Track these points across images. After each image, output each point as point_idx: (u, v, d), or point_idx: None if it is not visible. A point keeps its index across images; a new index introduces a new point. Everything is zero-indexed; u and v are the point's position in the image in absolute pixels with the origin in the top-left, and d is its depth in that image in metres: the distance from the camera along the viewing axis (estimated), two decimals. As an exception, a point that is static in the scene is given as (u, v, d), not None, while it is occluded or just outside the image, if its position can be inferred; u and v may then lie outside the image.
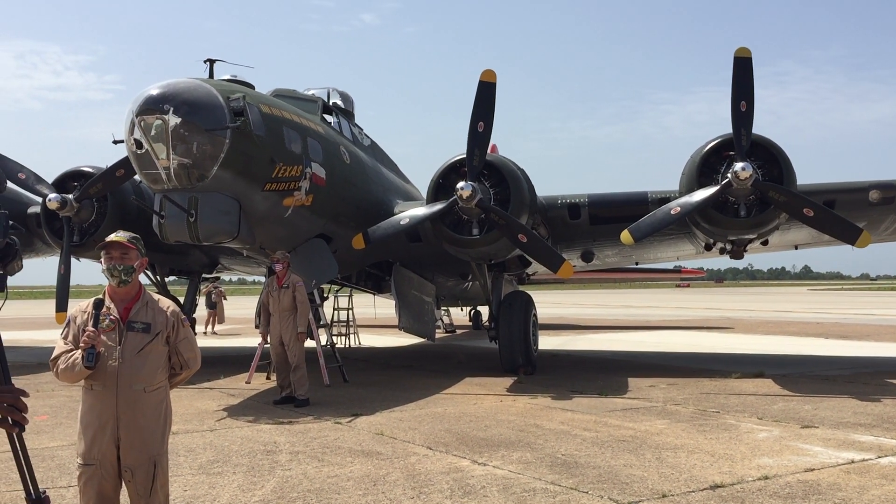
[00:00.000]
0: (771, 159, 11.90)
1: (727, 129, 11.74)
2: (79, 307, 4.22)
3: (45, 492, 3.58)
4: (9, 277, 3.66)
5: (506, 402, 10.70)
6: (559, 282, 31.08)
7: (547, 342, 18.30)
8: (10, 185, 13.36)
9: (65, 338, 4.15)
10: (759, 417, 9.27)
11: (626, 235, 12.02)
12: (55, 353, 4.11)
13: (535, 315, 14.73)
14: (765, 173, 11.71)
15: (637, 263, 20.30)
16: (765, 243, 13.45)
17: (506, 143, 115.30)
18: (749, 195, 11.70)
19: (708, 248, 14.08)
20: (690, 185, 12.14)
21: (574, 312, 39.93)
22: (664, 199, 13.06)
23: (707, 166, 12.13)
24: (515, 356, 13.77)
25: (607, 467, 6.79)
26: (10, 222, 3.51)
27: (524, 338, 13.93)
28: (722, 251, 14.08)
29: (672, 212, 11.82)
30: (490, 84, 11.91)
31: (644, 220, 12.07)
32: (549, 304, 43.90)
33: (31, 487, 3.49)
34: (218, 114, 9.94)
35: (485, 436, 8.25)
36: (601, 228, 14.45)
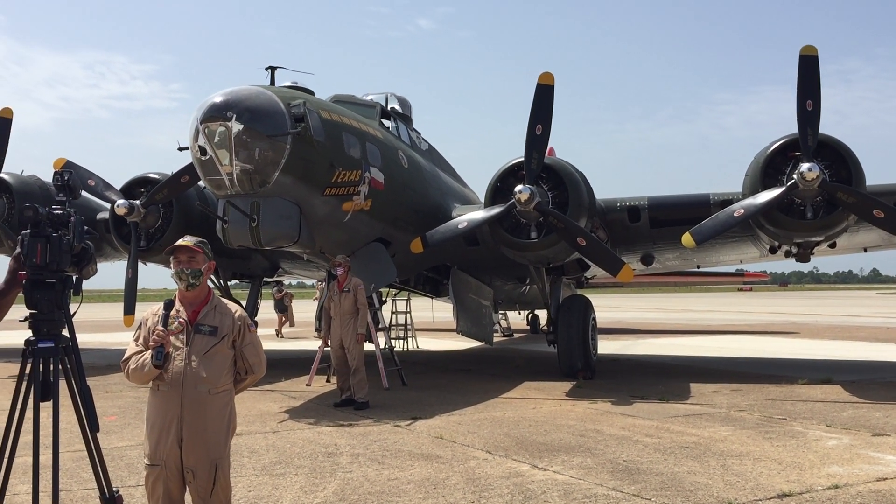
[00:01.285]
0: (838, 159, 11.57)
1: (790, 129, 11.47)
2: (150, 310, 4.32)
3: (117, 490, 3.68)
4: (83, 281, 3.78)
5: (565, 406, 10.62)
6: (618, 285, 30.74)
7: (606, 346, 18.08)
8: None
9: (136, 340, 4.26)
10: (827, 425, 9.00)
11: (687, 238, 11.82)
12: (126, 355, 4.21)
13: (593, 319, 14.59)
14: (832, 174, 11.40)
15: (698, 267, 19.93)
16: (832, 246, 13.07)
17: (561, 145, 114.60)
18: (816, 196, 11.41)
19: (773, 250, 13.76)
20: (754, 186, 11.88)
21: (633, 316, 39.42)
22: (727, 202, 12.81)
23: (772, 167, 11.86)
24: (574, 360, 13.66)
25: (670, 474, 6.67)
26: (86, 228, 3.62)
27: (583, 342, 13.81)
28: (787, 254, 13.75)
29: (735, 214, 11.58)
30: (548, 87, 11.84)
31: (706, 223, 11.85)
32: (607, 307, 43.39)
33: (105, 486, 3.58)
34: (279, 120, 10.09)
35: (544, 440, 8.19)
36: (662, 231, 14.25)
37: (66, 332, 3.71)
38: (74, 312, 3.62)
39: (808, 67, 11.02)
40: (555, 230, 12.13)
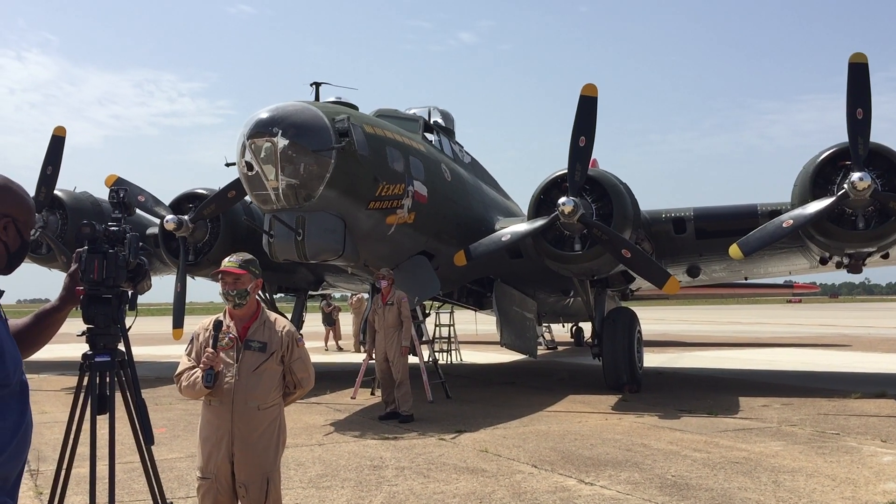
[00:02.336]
0: (891, 168, 11.33)
1: (838, 138, 11.26)
2: (201, 325, 4.40)
3: (171, 502, 3.73)
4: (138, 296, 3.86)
5: (611, 420, 10.51)
6: (663, 297, 30.35)
7: (652, 359, 17.86)
8: (131, 207, 14.11)
9: (188, 354, 4.33)
10: (882, 440, 8.77)
11: (734, 250, 11.65)
12: (179, 369, 4.28)
13: (639, 331, 14.44)
14: (884, 183, 11.16)
15: (746, 278, 19.61)
16: (885, 256, 12.77)
17: (604, 156, 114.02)
18: (868, 206, 11.17)
19: (823, 262, 13.50)
20: (804, 196, 11.68)
21: (679, 329, 38.88)
22: (775, 212, 12.61)
23: (821, 177, 11.64)
24: (620, 373, 13.52)
25: (721, 490, 6.56)
26: (141, 243, 3.70)
27: (629, 355, 13.66)
28: (838, 265, 13.47)
29: (784, 225, 11.38)
30: (591, 98, 11.80)
31: (754, 234, 11.67)
32: (652, 320, 42.86)
33: (159, 499, 3.64)
34: (324, 135, 10.21)
35: (591, 454, 8.11)
36: (708, 243, 14.06)
37: (121, 346, 3.79)
38: (130, 327, 3.70)
39: (858, 75, 10.82)
40: (599, 242, 12.05)
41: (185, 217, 14.12)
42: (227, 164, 11.74)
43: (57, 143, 14.46)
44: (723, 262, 15.33)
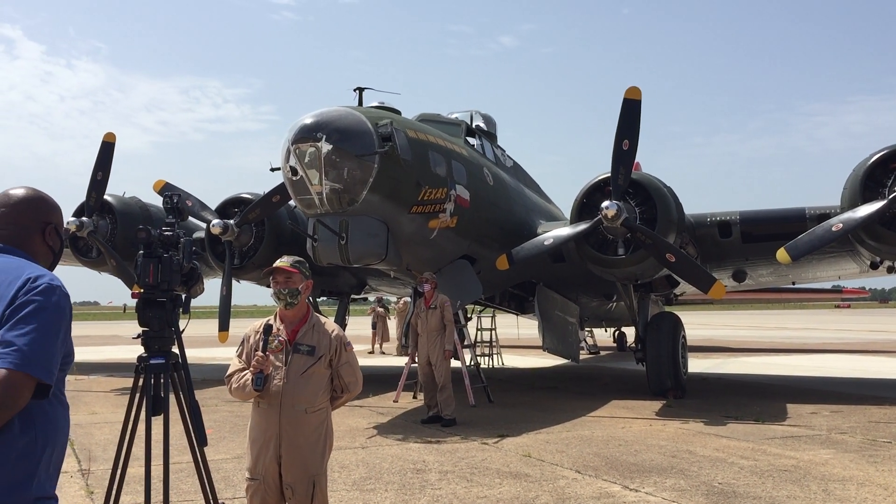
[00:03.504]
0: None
1: (889, 139, 11.07)
2: (252, 327, 4.46)
3: (223, 503, 3.79)
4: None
5: (655, 426, 10.40)
6: (707, 302, 29.96)
7: (696, 365, 17.64)
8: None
9: (239, 356, 4.40)
10: (937, 450, 8.54)
11: (782, 254, 11.46)
12: (230, 371, 4.35)
13: (683, 336, 14.27)
14: (939, 186, 10.88)
15: (794, 283, 19.26)
16: (939, 261, 12.47)
17: (647, 159, 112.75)
18: (921, 210, 10.90)
19: (874, 266, 13.23)
20: (853, 199, 11.44)
21: (724, 334, 38.32)
22: (824, 216, 12.38)
23: (872, 179, 11.40)
24: (664, 379, 13.37)
25: (769, 498, 6.45)
26: (193, 248, 3.77)
27: (673, 360, 13.51)
28: (889, 270, 13.18)
29: (833, 228, 11.17)
30: (635, 101, 11.70)
31: (802, 238, 11.47)
32: (696, 325, 42.28)
33: (211, 499, 3.71)
34: (367, 140, 10.27)
35: (635, 461, 8.04)
36: (754, 247, 13.86)
37: (175, 349, 3.87)
38: (183, 330, 3.77)
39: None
40: (643, 246, 11.95)
41: (231, 221, 14.33)
42: (272, 169, 11.89)
43: (107, 149, 14.75)
44: (770, 267, 15.09)
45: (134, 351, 3.89)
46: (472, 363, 13.54)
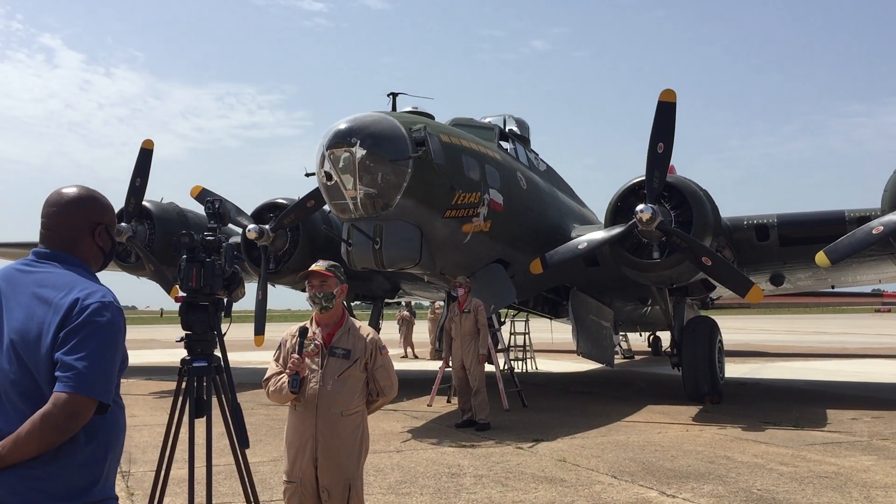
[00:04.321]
0: None
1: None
2: (289, 331, 4.49)
3: (264, 505, 3.82)
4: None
5: (692, 431, 10.30)
6: (744, 306, 29.63)
7: (733, 370, 17.41)
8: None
9: (276, 360, 4.44)
10: (984, 457, 8.35)
11: (821, 257, 11.29)
12: (267, 374, 4.39)
13: (720, 341, 14.12)
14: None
15: (833, 287, 18.95)
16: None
17: (682, 162, 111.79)
18: (965, 211, 10.68)
19: (916, 269, 12.95)
20: (894, 201, 11.24)
21: (761, 339, 37.79)
22: (864, 218, 12.18)
23: (914, 181, 11.19)
24: (700, 384, 13.23)
25: (809, 505, 6.35)
26: (235, 252, 3.83)
27: (709, 365, 13.36)
28: (932, 273, 12.91)
29: (874, 231, 10.98)
30: (670, 104, 11.61)
31: (842, 241, 11.29)
32: (732, 329, 41.73)
33: (252, 499, 3.74)
34: (401, 145, 10.32)
35: (672, 466, 7.97)
36: (792, 250, 13.68)
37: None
38: (224, 333, 3.82)
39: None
40: (678, 250, 11.84)
41: (266, 226, 14.47)
42: (307, 174, 11.99)
43: (145, 156, 14.96)
44: (808, 270, 14.88)
45: (171, 354, 3.97)
46: (506, 367, 13.52)
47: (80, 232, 2.66)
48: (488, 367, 11.66)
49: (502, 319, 17.49)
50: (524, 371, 19.06)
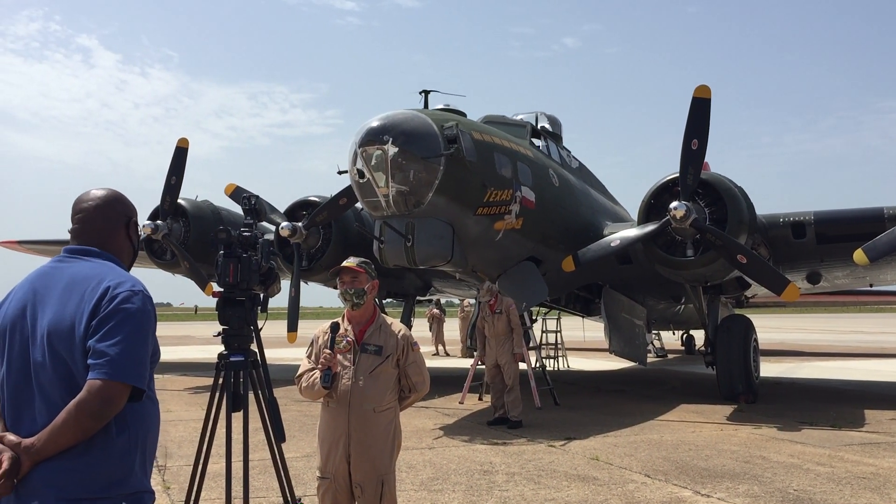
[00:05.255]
0: None
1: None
2: (321, 328, 4.53)
3: (300, 499, 3.86)
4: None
5: (727, 431, 10.19)
6: (779, 305, 29.21)
7: (768, 369, 17.20)
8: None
9: (308, 357, 4.47)
10: None
11: (859, 255, 11.10)
12: (299, 371, 4.43)
13: (755, 340, 13.95)
14: None
15: (871, 285, 18.63)
16: None
17: (716, 159, 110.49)
18: None
19: (957, 267, 12.68)
20: (935, 198, 11.01)
21: (797, 338, 37.25)
22: (903, 215, 11.94)
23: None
24: (735, 383, 13.09)
25: (847, 506, 6.26)
26: (271, 248, 3.86)
27: (744, 364, 13.21)
28: (975, 271, 12.63)
29: (914, 228, 10.76)
30: (704, 100, 11.47)
31: (881, 239, 11.08)
32: (767, 328, 41.16)
33: (288, 495, 3.78)
34: (433, 142, 10.32)
35: (706, 466, 7.89)
36: (830, 248, 13.46)
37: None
38: (261, 328, 3.85)
39: None
40: (713, 247, 11.71)
41: (299, 224, 14.57)
42: (340, 172, 12.04)
43: (181, 154, 15.13)
44: (846, 269, 14.64)
45: (206, 351, 4.02)
46: (538, 365, 13.48)
47: (117, 224, 2.77)
48: (520, 365, 11.64)
49: (534, 317, 17.44)
50: (556, 369, 19.00)
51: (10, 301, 2.62)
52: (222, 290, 3.65)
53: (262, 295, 3.87)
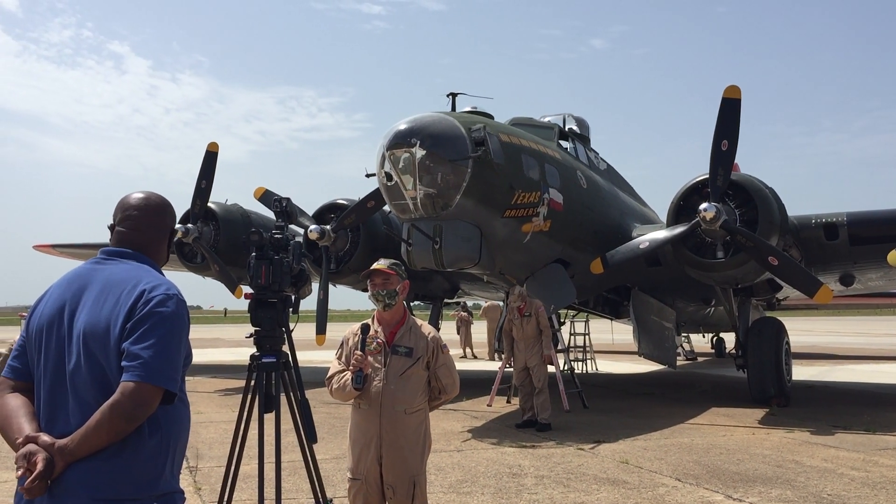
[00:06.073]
0: None
1: None
2: (350, 329, 4.55)
3: (331, 500, 3.88)
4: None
5: (758, 434, 10.07)
6: (811, 307, 28.83)
7: (800, 372, 16.99)
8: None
9: (339, 358, 4.49)
10: None
11: (893, 257, 10.93)
12: (330, 373, 4.45)
13: (787, 343, 13.78)
14: None
15: (906, 287, 18.33)
16: None
17: (745, 160, 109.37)
18: None
19: None
20: (972, 198, 10.81)
21: (829, 341, 36.74)
22: (939, 216, 11.73)
23: None
24: (767, 386, 12.94)
25: (883, 512, 6.16)
26: (302, 250, 3.89)
27: (776, 367, 13.05)
28: None
29: (950, 229, 10.57)
30: (734, 101, 11.37)
31: (917, 240, 10.91)
32: (799, 331, 40.63)
33: (320, 495, 3.80)
34: (460, 145, 10.33)
35: (738, 470, 7.81)
36: (863, 249, 13.26)
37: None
38: (292, 330, 3.88)
39: None
40: (743, 249, 11.59)
41: (328, 227, 14.64)
42: (368, 175, 12.09)
43: (211, 158, 15.27)
44: (880, 270, 14.42)
45: (236, 353, 4.06)
46: (567, 368, 13.42)
47: (164, 235, 2.83)
48: (549, 368, 11.60)
49: (562, 320, 17.37)
50: (584, 372, 18.91)
51: (46, 300, 2.64)
52: (254, 291, 3.68)
53: (293, 297, 3.89)
